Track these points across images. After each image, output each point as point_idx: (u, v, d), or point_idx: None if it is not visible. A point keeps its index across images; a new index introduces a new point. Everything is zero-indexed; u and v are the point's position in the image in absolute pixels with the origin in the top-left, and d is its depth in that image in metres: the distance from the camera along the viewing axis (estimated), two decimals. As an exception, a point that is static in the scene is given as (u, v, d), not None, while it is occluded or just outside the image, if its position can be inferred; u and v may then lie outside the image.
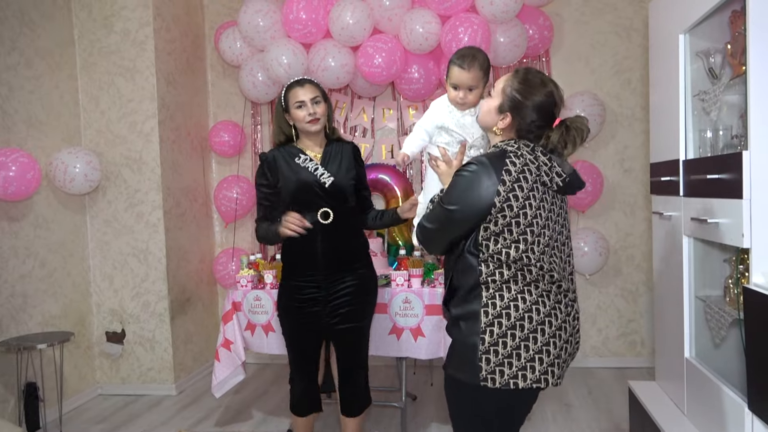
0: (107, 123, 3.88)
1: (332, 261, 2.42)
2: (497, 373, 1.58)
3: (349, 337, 2.50)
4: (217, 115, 4.49)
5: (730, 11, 2.08)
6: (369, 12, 3.64)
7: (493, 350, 1.58)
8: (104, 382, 3.99)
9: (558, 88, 1.67)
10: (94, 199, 3.91)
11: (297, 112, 2.39)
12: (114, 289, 3.93)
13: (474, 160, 1.63)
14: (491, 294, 1.61)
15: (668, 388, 2.57)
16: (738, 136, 2.10)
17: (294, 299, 2.47)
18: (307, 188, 2.38)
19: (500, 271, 1.61)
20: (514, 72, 1.70)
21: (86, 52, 3.87)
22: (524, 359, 1.58)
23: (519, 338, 1.58)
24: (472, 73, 1.88)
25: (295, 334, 2.52)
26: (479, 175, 1.57)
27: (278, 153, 2.47)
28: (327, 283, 2.43)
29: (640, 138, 4.06)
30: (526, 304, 1.60)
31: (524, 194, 1.57)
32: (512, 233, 1.58)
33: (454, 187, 1.63)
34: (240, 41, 3.93)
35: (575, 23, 4.07)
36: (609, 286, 4.15)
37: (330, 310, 2.44)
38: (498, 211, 1.57)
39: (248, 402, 3.74)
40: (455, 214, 1.61)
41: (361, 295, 2.49)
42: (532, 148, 1.64)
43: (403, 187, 4.05)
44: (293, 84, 2.44)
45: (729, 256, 2.25)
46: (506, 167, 1.57)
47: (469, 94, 1.90)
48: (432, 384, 3.90)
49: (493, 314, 1.60)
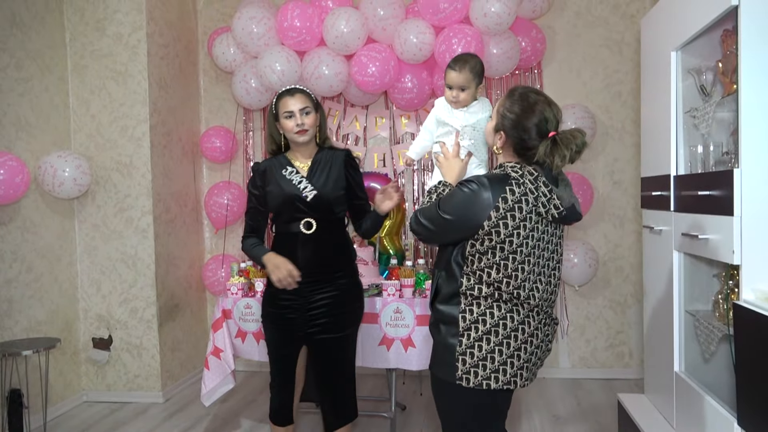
0: (98, 127, 3.85)
1: (312, 270, 2.40)
2: (471, 373, 1.72)
3: (327, 347, 2.45)
4: (208, 121, 4.47)
5: (722, 30, 2.11)
6: (363, 21, 3.65)
7: (469, 352, 1.73)
8: (90, 388, 3.94)
9: (551, 105, 1.72)
10: (83, 204, 3.87)
11: (286, 122, 2.38)
12: (102, 295, 3.89)
13: (476, 178, 1.70)
14: (469, 302, 1.74)
15: (657, 401, 2.59)
16: (728, 152, 2.13)
17: (273, 305, 2.47)
18: (290, 202, 2.38)
19: (479, 286, 1.73)
20: (508, 93, 1.79)
21: (77, 55, 3.85)
22: (497, 362, 1.72)
23: (494, 343, 1.72)
24: (462, 74, 2.10)
25: (273, 340, 2.52)
26: (478, 195, 1.66)
27: (269, 164, 2.48)
28: (306, 291, 2.41)
29: (630, 151, 4.10)
30: (500, 312, 1.72)
31: (515, 223, 1.66)
32: (495, 256, 1.69)
33: (452, 197, 1.73)
34: (233, 47, 3.93)
35: (567, 36, 4.11)
36: (597, 298, 4.17)
37: (308, 318, 2.42)
38: (486, 233, 1.67)
39: (236, 410, 3.71)
40: (448, 224, 1.72)
41: (340, 306, 2.45)
42: (536, 178, 1.69)
43: (395, 195, 4.05)
44: (284, 93, 2.43)
45: (718, 271, 2.28)
46: (504, 194, 1.65)
47: (461, 93, 2.11)
48: (421, 394, 3.89)
49: (470, 320, 1.73)
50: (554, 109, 1.72)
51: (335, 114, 4.27)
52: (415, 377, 4.07)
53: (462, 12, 3.60)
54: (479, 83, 2.15)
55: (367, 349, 3.09)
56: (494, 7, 3.50)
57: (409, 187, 4.25)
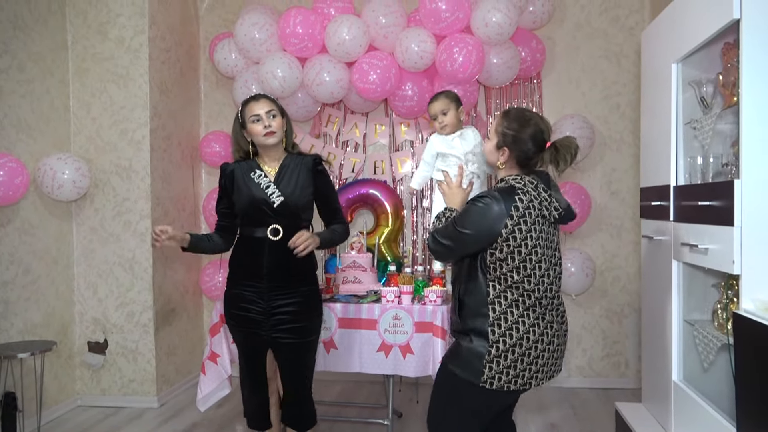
0: (98, 130, 3.85)
1: (276, 276, 2.42)
2: (496, 378, 1.88)
3: (291, 351, 2.49)
4: (208, 126, 4.47)
5: (723, 43, 2.14)
6: (365, 29, 3.68)
7: (496, 361, 1.88)
8: (84, 393, 3.92)
9: (542, 119, 1.97)
10: (81, 207, 3.86)
11: (253, 126, 2.40)
12: (98, 298, 3.87)
13: (487, 193, 1.88)
14: (497, 315, 1.88)
15: (655, 410, 2.60)
16: (728, 164, 2.15)
17: (237, 307, 2.49)
18: (256, 206, 2.40)
19: (505, 293, 1.88)
20: (503, 113, 2.00)
21: (79, 58, 3.85)
22: (519, 369, 1.89)
23: (518, 354, 1.88)
24: (439, 101, 2.39)
25: (241, 341, 2.55)
26: (491, 208, 1.84)
27: (237, 166, 2.51)
28: (270, 296, 2.43)
29: (628, 161, 4.13)
30: (525, 326, 1.88)
31: (527, 227, 1.84)
32: (515, 260, 1.86)
33: (468, 213, 1.90)
34: (235, 53, 3.94)
35: (567, 47, 4.14)
36: (594, 307, 4.19)
37: (273, 323, 2.45)
38: (504, 240, 1.84)
39: (231, 416, 3.69)
40: (467, 237, 1.87)
41: (304, 314, 2.49)
42: (536, 185, 1.90)
43: (393, 202, 4.07)
44: (248, 99, 2.47)
45: (717, 281, 2.29)
46: (515, 203, 1.83)
47: (445, 117, 2.36)
48: (417, 401, 3.88)
49: (499, 333, 1.88)
50: (546, 122, 1.96)
51: (335, 121, 4.28)
52: (411, 384, 4.06)
53: (463, 21, 3.63)
54: (458, 107, 2.38)
55: (365, 356, 3.09)
56: (495, 17, 3.53)
57: (408, 196, 4.27)
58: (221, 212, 2.56)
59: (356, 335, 3.10)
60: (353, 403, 3.91)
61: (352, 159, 4.25)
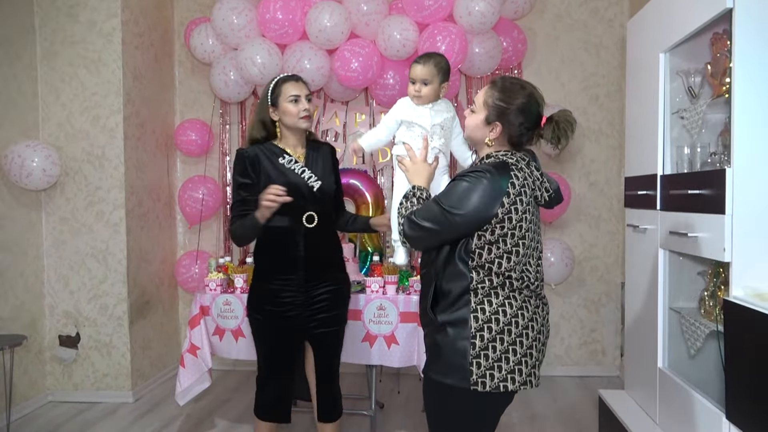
0: (68, 116, 3.70)
1: (314, 265, 2.36)
2: (488, 376, 1.62)
3: (327, 341, 2.46)
4: (183, 113, 4.35)
5: (712, 33, 2.16)
6: (347, 16, 3.61)
7: (483, 354, 1.62)
8: (55, 388, 3.79)
9: (536, 88, 1.72)
10: (51, 196, 3.72)
11: (290, 106, 2.28)
12: (69, 291, 3.74)
13: (478, 168, 1.63)
14: (480, 299, 1.64)
15: (639, 397, 2.63)
16: (716, 153, 2.17)
17: (271, 302, 2.36)
18: (296, 192, 2.27)
19: (489, 278, 1.64)
20: (491, 83, 1.73)
21: (47, 42, 3.69)
22: (512, 362, 1.63)
23: (507, 342, 1.63)
24: (426, 67, 2.04)
25: (272, 338, 2.42)
26: (485, 184, 1.59)
27: (259, 151, 2.33)
28: (307, 287, 2.36)
29: (606, 153, 4.17)
30: (513, 309, 1.64)
31: (523, 207, 1.62)
32: (506, 244, 1.62)
33: (455, 190, 1.62)
34: (212, 38, 3.83)
35: (547, 38, 4.15)
36: (572, 296, 4.23)
37: (309, 314, 2.38)
38: (498, 221, 1.60)
39: (210, 410, 3.62)
40: (458, 218, 1.60)
41: (338, 300, 2.46)
42: (528, 163, 1.69)
43: (374, 192, 4.03)
44: (286, 78, 2.35)
45: (703, 269, 2.32)
46: (512, 180, 1.61)
47: (424, 87, 2.05)
48: (399, 392, 3.87)
49: (482, 319, 1.63)
50: (540, 93, 1.72)
51: (315, 109, 4.20)
52: (392, 375, 4.05)
53: (446, 9, 3.60)
54: (443, 81, 2.08)
55: (349, 346, 3.04)
56: (478, 6, 3.51)
57: (388, 185, 4.23)
58: (245, 200, 2.31)
59: (340, 326, 3.06)
60: (334, 394, 3.87)
61: (332, 148, 4.19)
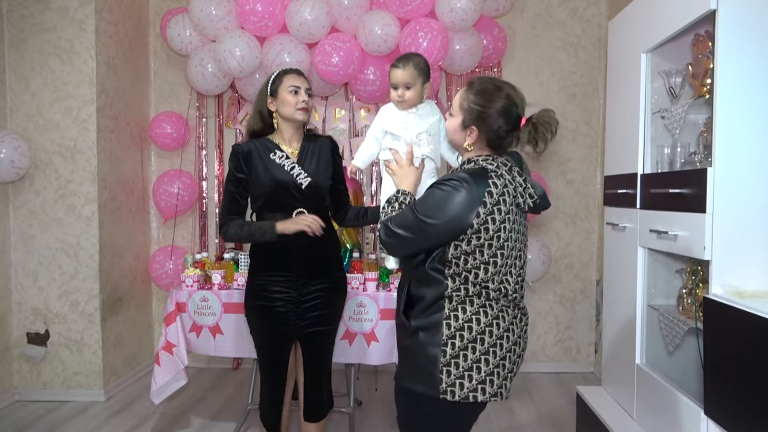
0: (38, 106, 3.59)
1: (307, 262, 2.32)
2: (457, 386, 1.58)
3: (318, 340, 2.41)
4: (158, 106, 4.26)
5: (693, 34, 2.18)
6: (328, 9, 3.57)
7: (454, 363, 1.58)
8: (23, 387, 3.67)
9: (515, 89, 1.67)
10: (19, 189, 3.60)
11: (288, 96, 2.28)
12: (38, 287, 3.63)
13: (454, 176, 1.58)
14: (454, 306, 1.60)
15: (616, 393, 2.67)
16: (696, 152, 2.21)
17: (263, 298, 2.34)
18: (283, 188, 2.26)
19: (465, 287, 1.60)
20: (467, 85, 1.68)
21: (16, 28, 3.57)
22: (484, 373, 1.58)
23: (480, 352, 1.58)
24: (407, 71, 2.00)
25: (264, 335, 2.40)
26: (461, 193, 1.54)
27: (253, 146, 2.32)
28: (300, 284, 2.33)
29: (582, 152, 4.21)
30: (487, 318, 1.60)
31: (501, 217, 1.57)
32: (483, 255, 1.58)
33: (431, 199, 1.58)
34: (190, 29, 3.75)
35: (527, 36, 4.18)
36: (548, 293, 4.27)
37: (301, 311, 2.34)
38: (474, 232, 1.55)
39: (185, 408, 3.55)
40: (431, 228, 1.56)
41: (332, 299, 2.41)
42: (510, 168, 1.64)
43: (353, 188, 3.98)
44: (288, 70, 2.36)
45: (682, 267, 2.36)
46: (489, 188, 1.55)
47: (407, 92, 2.01)
48: (376, 389, 3.86)
49: (455, 326, 1.59)
50: (519, 93, 1.67)
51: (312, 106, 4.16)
52: (370, 373, 4.03)
53: (428, 5, 3.59)
54: (425, 81, 2.04)
55: (328, 344, 3.03)
56: (460, 3, 3.51)
57: (367, 180, 4.21)
58: (237, 196, 2.33)
59: (320, 323, 3.03)
60: (311, 392, 3.84)
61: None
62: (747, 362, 1.68)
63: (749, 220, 1.88)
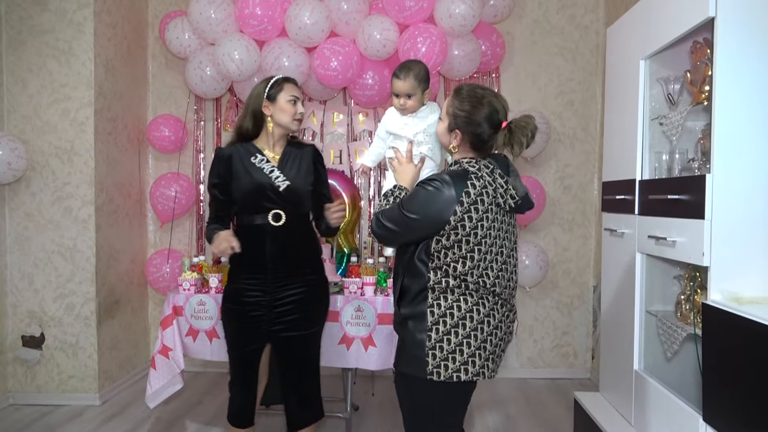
0: (35, 108, 3.58)
1: (280, 265, 2.32)
2: (442, 367, 1.76)
3: (293, 345, 2.38)
4: (156, 108, 4.25)
5: (692, 41, 2.20)
6: (327, 14, 3.58)
7: (438, 346, 1.77)
8: (17, 390, 3.65)
9: (498, 96, 1.82)
10: (15, 191, 3.59)
11: (288, 106, 2.32)
12: (34, 290, 3.61)
13: (438, 176, 1.75)
14: (436, 296, 1.79)
15: (614, 399, 2.67)
16: (694, 159, 2.21)
17: (236, 302, 2.36)
18: (260, 191, 2.29)
19: (446, 279, 1.78)
20: (454, 92, 1.84)
21: (14, 30, 3.56)
22: (466, 355, 1.76)
23: (462, 335, 1.77)
24: (407, 82, 2.11)
25: (236, 338, 2.41)
26: (441, 192, 1.72)
27: (235, 150, 2.36)
28: (273, 287, 2.33)
29: (580, 158, 4.23)
30: (467, 305, 1.78)
31: (478, 216, 1.73)
32: (461, 249, 1.75)
33: (415, 197, 1.77)
34: (188, 32, 3.75)
35: (525, 42, 4.19)
36: (546, 299, 4.28)
37: (274, 316, 2.33)
38: (452, 228, 1.73)
39: (181, 412, 3.53)
40: (413, 223, 1.75)
41: (308, 303, 2.38)
42: (492, 170, 1.78)
43: (351, 192, 4.00)
44: (289, 79, 2.39)
45: (680, 273, 2.36)
46: (467, 189, 1.72)
47: (408, 100, 2.13)
48: (373, 394, 3.85)
49: (438, 314, 1.78)
50: (501, 100, 1.80)
51: (293, 108, 4.16)
52: (367, 377, 4.02)
53: (427, 11, 3.60)
54: (425, 89, 2.16)
55: (325, 349, 3.00)
56: (459, 9, 3.52)
57: (365, 185, 4.21)
58: (218, 199, 2.39)
59: (317, 327, 3.02)
60: (308, 396, 3.82)
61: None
62: (746, 368, 1.69)
63: (748, 226, 1.89)
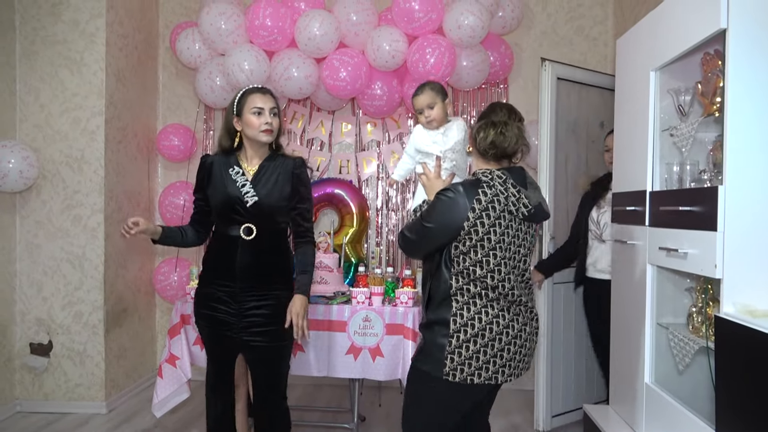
0: (47, 117, 3.61)
1: (249, 276, 2.31)
2: (458, 370, 1.88)
3: (261, 356, 2.36)
4: (166, 118, 4.28)
5: (703, 53, 2.19)
6: (337, 25, 3.60)
7: (457, 352, 1.88)
8: (24, 398, 3.65)
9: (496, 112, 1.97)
10: (26, 199, 3.61)
11: (252, 118, 2.28)
12: (42, 297, 3.62)
13: (452, 186, 1.89)
14: (460, 306, 1.90)
15: (624, 412, 2.64)
16: (705, 170, 2.20)
17: (206, 306, 2.36)
18: (230, 204, 2.30)
19: (467, 286, 1.89)
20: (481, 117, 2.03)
21: (27, 40, 3.60)
22: (482, 361, 1.88)
23: (480, 344, 1.88)
24: (425, 95, 2.20)
25: (209, 342, 2.42)
26: (456, 201, 1.86)
27: (217, 159, 2.39)
28: (242, 296, 2.32)
29: (588, 168, 4.21)
30: (488, 317, 1.88)
31: (490, 221, 1.85)
32: (477, 254, 1.87)
33: (433, 207, 1.91)
34: (199, 43, 3.78)
35: (533, 54, 4.20)
36: (554, 311, 4.24)
37: (244, 325, 2.33)
38: (466, 233, 1.85)
39: (186, 421, 3.52)
40: (430, 232, 1.90)
41: (277, 317, 2.34)
42: (504, 180, 1.89)
43: (359, 202, 4.01)
44: (253, 90, 2.34)
45: (692, 285, 2.35)
46: (478, 196, 1.85)
47: (431, 111, 2.19)
48: (380, 405, 3.83)
49: (460, 323, 1.89)
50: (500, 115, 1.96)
51: (300, 118, 4.19)
52: (374, 388, 4.00)
53: (436, 22, 3.61)
54: (444, 98, 2.23)
55: (333, 359, 3.01)
56: (468, 20, 3.54)
57: (373, 195, 4.22)
58: (197, 204, 2.44)
59: (324, 337, 3.02)
60: (315, 406, 3.81)
61: (317, 158, 4.17)
62: (760, 382, 1.67)
63: (761, 238, 1.87)
